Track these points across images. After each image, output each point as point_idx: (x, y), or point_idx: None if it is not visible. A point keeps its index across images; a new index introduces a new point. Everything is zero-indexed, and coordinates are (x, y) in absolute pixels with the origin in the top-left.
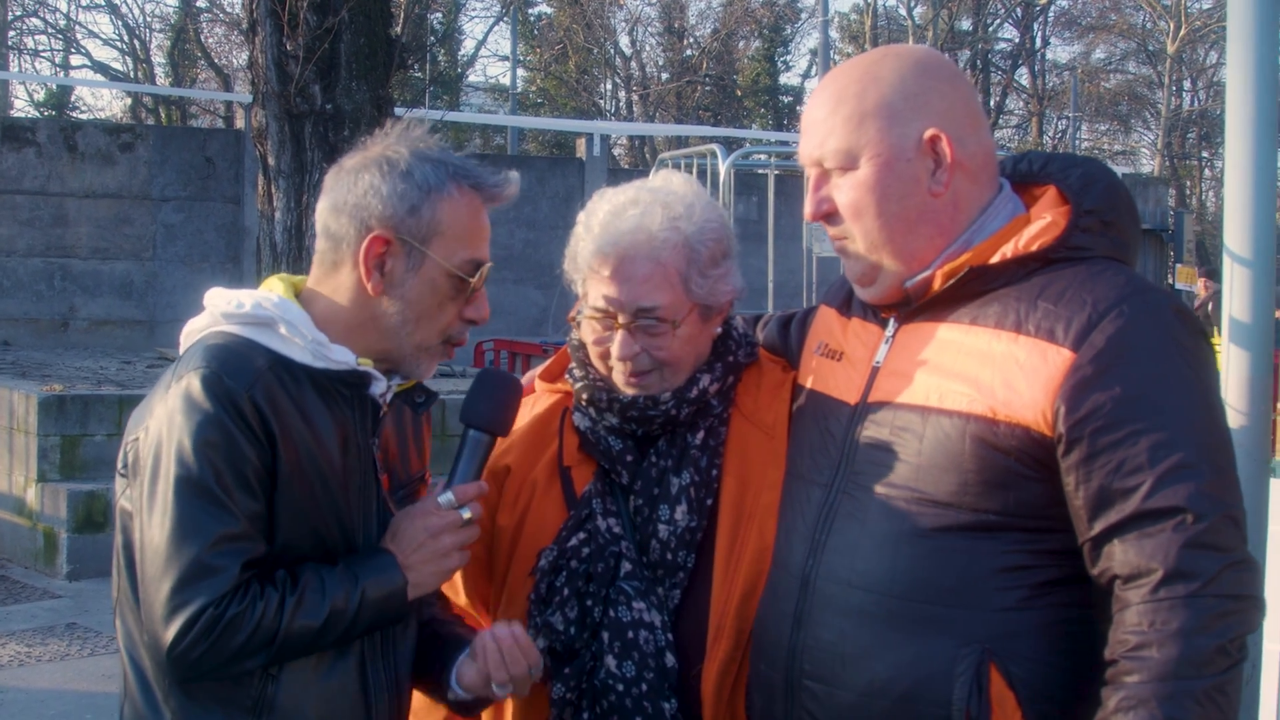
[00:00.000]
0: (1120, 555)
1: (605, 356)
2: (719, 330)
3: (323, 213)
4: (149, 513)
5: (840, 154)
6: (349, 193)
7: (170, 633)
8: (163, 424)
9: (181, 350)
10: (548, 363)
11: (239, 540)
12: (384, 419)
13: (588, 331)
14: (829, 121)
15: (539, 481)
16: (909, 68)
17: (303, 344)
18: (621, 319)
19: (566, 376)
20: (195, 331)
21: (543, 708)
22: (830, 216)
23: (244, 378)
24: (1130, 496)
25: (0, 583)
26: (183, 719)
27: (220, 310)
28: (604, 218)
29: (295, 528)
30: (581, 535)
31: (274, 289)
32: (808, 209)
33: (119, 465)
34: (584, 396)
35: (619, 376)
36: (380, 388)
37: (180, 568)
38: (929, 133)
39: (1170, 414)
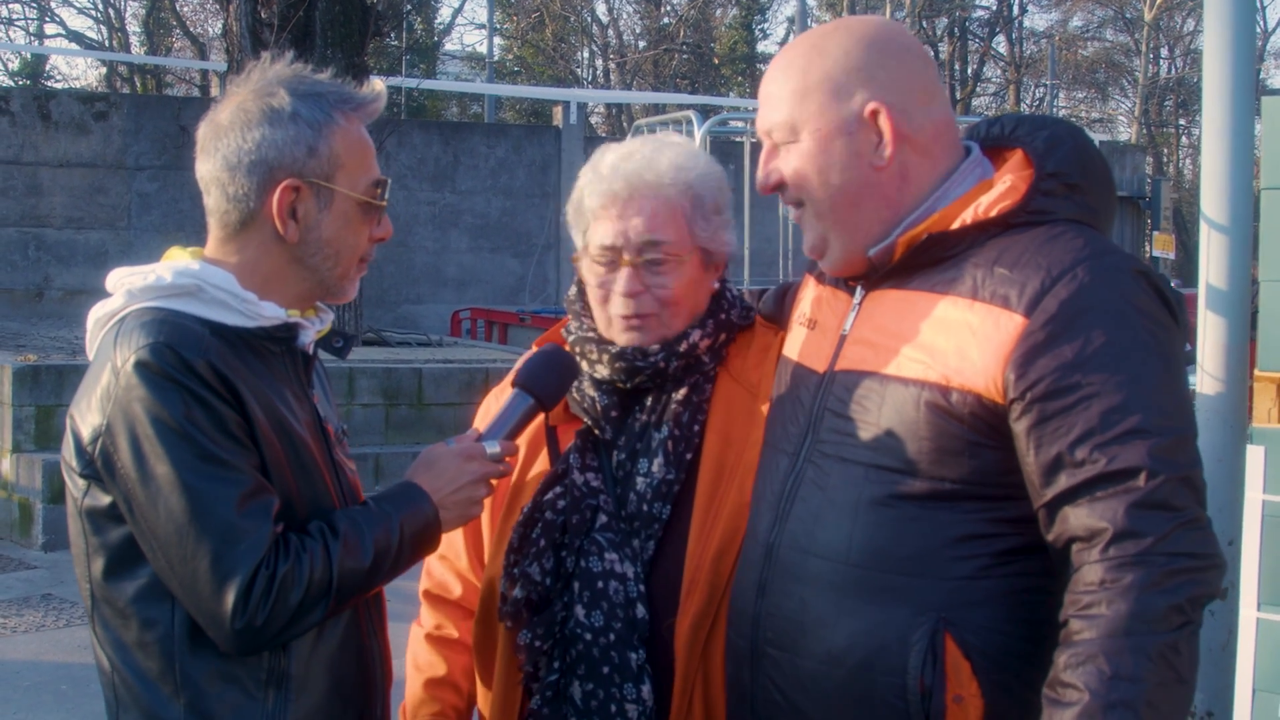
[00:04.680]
0: (1073, 520)
1: (606, 300)
2: (715, 286)
3: (213, 173)
4: (152, 503)
5: (784, 127)
6: (240, 150)
7: (227, 605)
8: (127, 410)
9: (90, 338)
10: (549, 330)
11: (258, 496)
12: (314, 368)
13: (590, 275)
14: (777, 94)
15: (527, 443)
16: (854, 42)
17: (232, 306)
18: (628, 256)
19: (563, 333)
20: (109, 315)
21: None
22: (780, 187)
23: (194, 345)
24: (1082, 462)
25: None
26: (199, 707)
27: (135, 287)
28: (612, 160)
29: (277, 487)
30: (558, 489)
31: (180, 258)
32: (759, 179)
33: (77, 468)
34: (577, 349)
35: (617, 321)
36: (308, 337)
37: (214, 539)
38: (869, 107)
39: (1124, 377)
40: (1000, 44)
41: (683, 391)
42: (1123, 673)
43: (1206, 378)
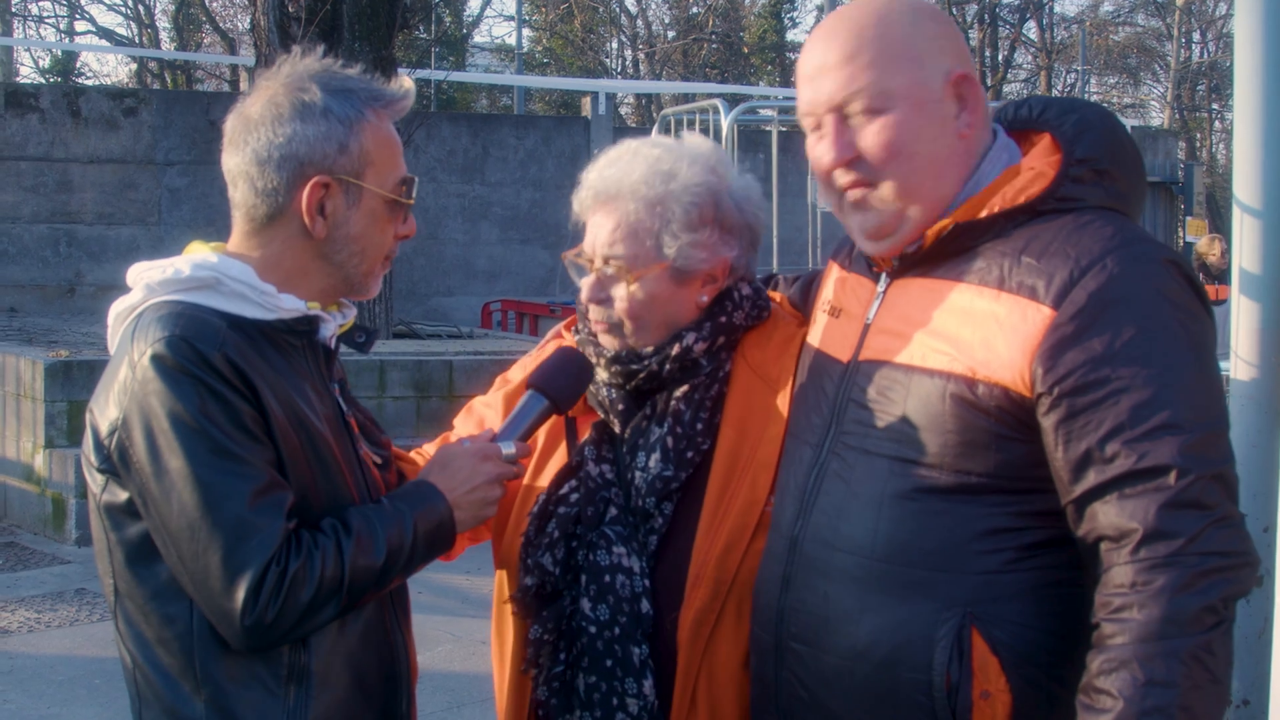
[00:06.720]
0: (1102, 517)
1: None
2: (705, 299)
3: (242, 166)
4: (166, 497)
5: (870, 95)
6: (271, 145)
7: (238, 601)
8: (142, 404)
9: (111, 333)
10: (565, 323)
11: (271, 492)
12: (335, 362)
13: (575, 273)
14: (849, 66)
15: (546, 432)
16: (917, 11)
17: (251, 298)
18: (596, 263)
19: (571, 332)
20: (129, 309)
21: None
22: (854, 163)
23: (211, 338)
24: (1111, 458)
25: (9, 549)
26: (220, 704)
27: (154, 281)
28: (600, 163)
29: (293, 482)
30: (573, 482)
31: (199, 252)
32: (831, 154)
33: (96, 463)
34: (581, 349)
35: (592, 324)
36: (329, 330)
37: (226, 534)
38: (956, 72)
39: (1154, 371)
40: (1031, 30)
41: (683, 389)
42: (1156, 678)
43: (1240, 363)
